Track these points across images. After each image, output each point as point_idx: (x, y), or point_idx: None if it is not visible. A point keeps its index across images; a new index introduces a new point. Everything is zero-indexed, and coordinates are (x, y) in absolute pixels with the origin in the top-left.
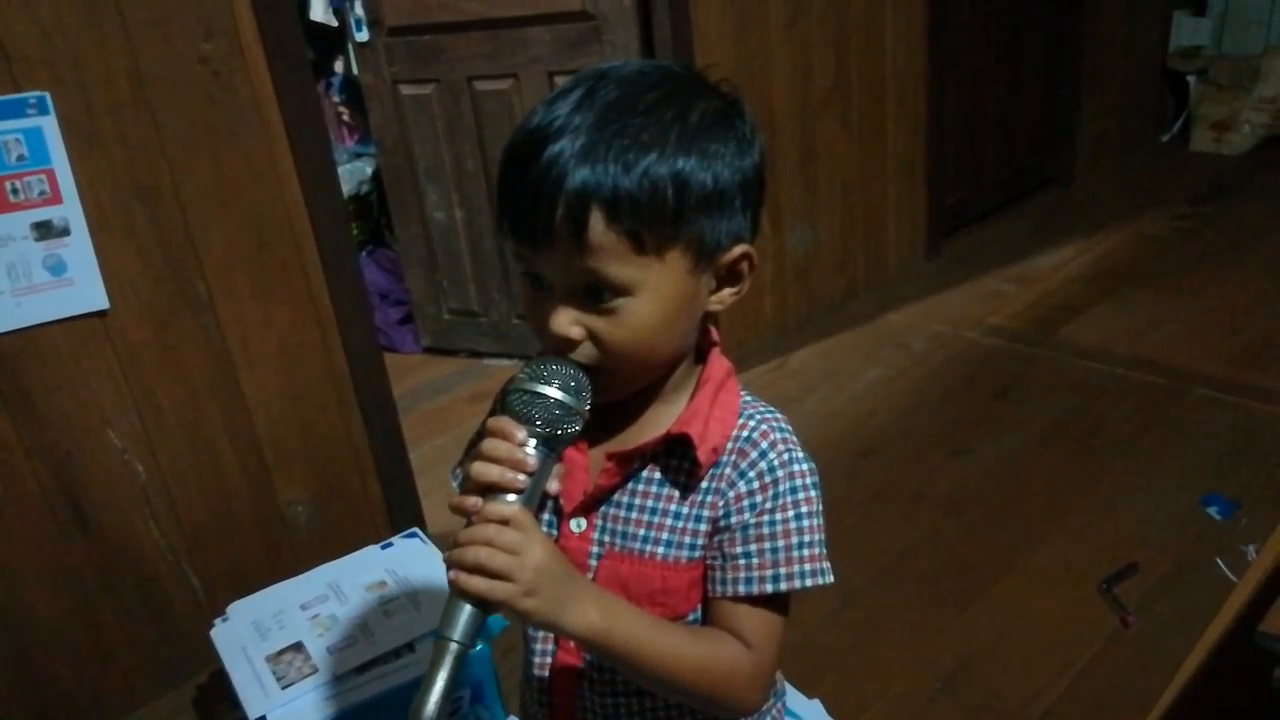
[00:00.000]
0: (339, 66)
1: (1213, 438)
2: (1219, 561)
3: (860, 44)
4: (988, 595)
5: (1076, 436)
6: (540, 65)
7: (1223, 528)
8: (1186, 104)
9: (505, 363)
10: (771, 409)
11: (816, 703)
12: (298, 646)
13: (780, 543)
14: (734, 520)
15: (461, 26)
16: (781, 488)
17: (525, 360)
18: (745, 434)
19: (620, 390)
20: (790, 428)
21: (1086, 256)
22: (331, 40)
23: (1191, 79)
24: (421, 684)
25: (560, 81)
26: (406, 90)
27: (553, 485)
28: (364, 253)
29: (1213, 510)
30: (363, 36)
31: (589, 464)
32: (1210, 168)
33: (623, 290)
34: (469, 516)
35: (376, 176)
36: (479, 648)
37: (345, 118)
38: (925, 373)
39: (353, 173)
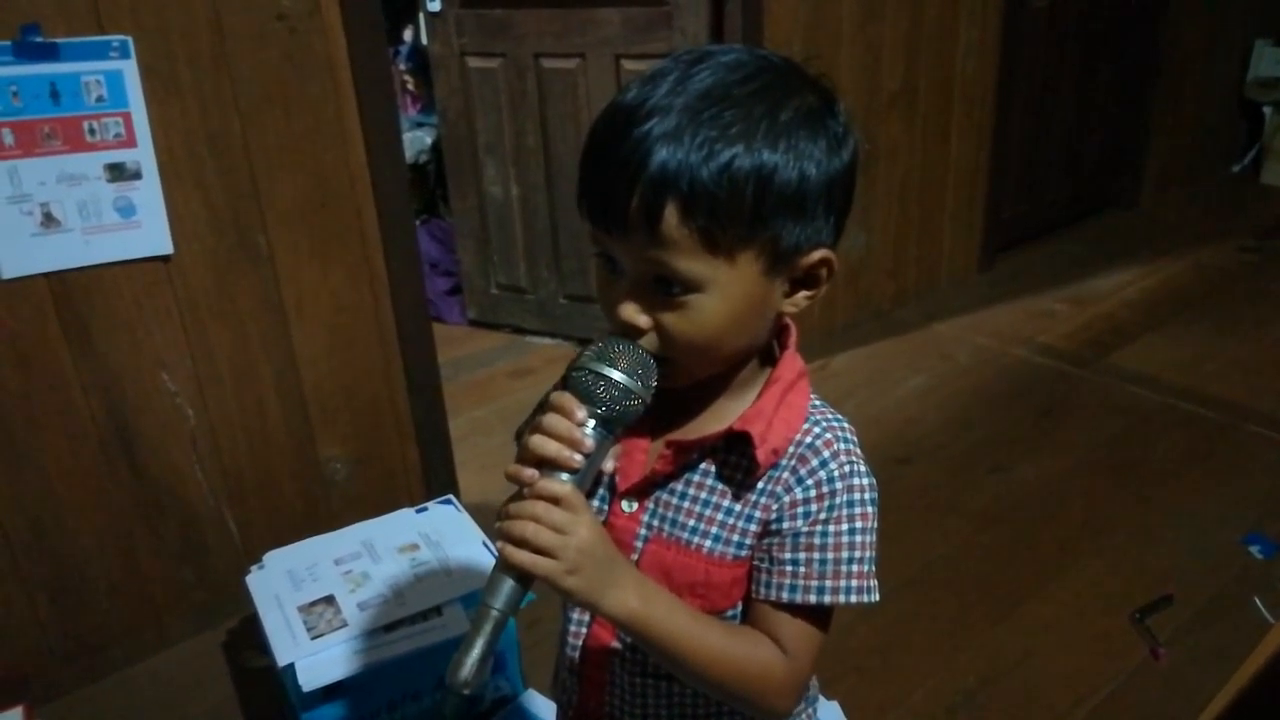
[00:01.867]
0: (408, 35)
1: (1260, 476)
2: (1256, 601)
3: (931, 50)
4: (1016, 613)
5: (1120, 463)
6: (608, 47)
7: (1263, 567)
8: (1261, 135)
9: (548, 341)
10: (840, 417)
11: (835, 704)
12: (329, 599)
13: (830, 555)
14: (786, 526)
15: (533, 3)
16: (839, 500)
17: (583, 340)
18: (809, 440)
19: (683, 378)
20: (856, 439)
21: (1145, 282)
22: (402, 8)
23: (1268, 110)
24: (461, 644)
25: (626, 65)
26: (474, 63)
27: (608, 464)
28: (417, 222)
29: (1254, 549)
30: (434, 6)
31: (650, 448)
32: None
33: (692, 286)
34: (522, 487)
35: (436, 147)
36: None
37: (410, 86)
38: (969, 386)
39: (413, 142)
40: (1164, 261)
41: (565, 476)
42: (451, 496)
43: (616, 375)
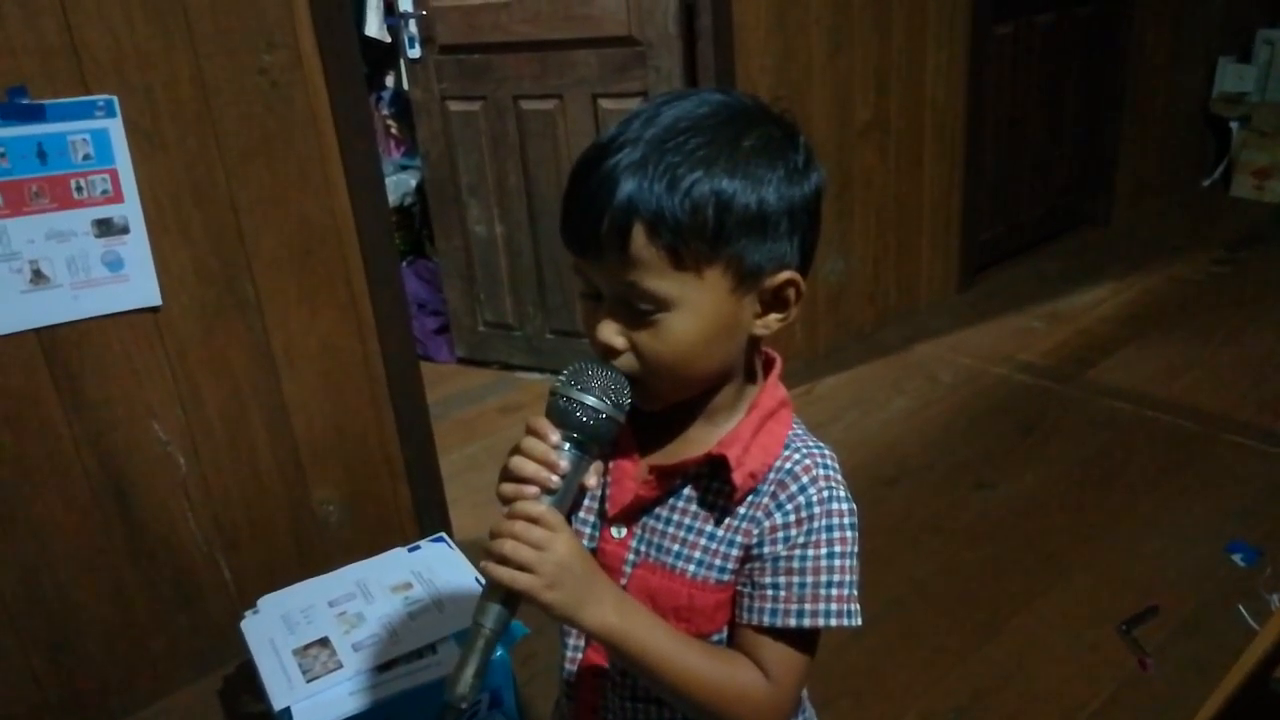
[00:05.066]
0: (389, 81)
1: (1240, 484)
2: (1241, 609)
3: (901, 78)
4: (1005, 629)
5: (1102, 476)
6: (585, 87)
7: (1246, 575)
8: (1228, 149)
9: (537, 376)
10: (820, 445)
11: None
12: (324, 642)
13: (809, 579)
14: (766, 550)
15: (511, 47)
16: (817, 524)
17: (559, 372)
18: (788, 466)
19: (661, 400)
20: (836, 465)
21: (1120, 297)
22: (383, 55)
23: (1234, 125)
24: (456, 662)
25: (604, 104)
26: (454, 106)
27: (590, 480)
28: (404, 263)
29: (1237, 557)
30: (415, 53)
31: (638, 474)
32: (1250, 214)
33: (662, 304)
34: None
35: (420, 189)
36: (499, 653)
37: (393, 131)
38: (952, 406)
39: (397, 184)
40: (1138, 276)
41: (544, 496)
42: (443, 534)
43: (588, 399)
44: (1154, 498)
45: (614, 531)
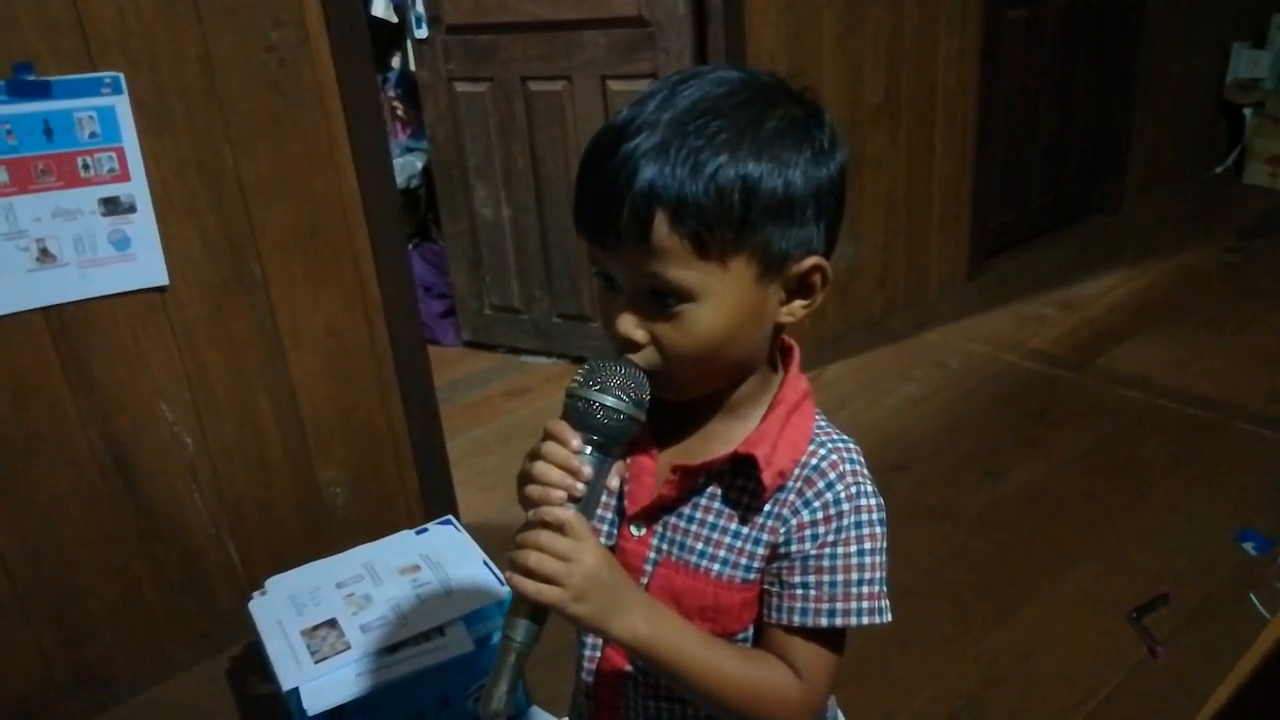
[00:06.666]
0: (396, 62)
1: (1252, 473)
2: (1252, 598)
3: (912, 62)
4: (1014, 617)
5: (1112, 464)
6: (594, 68)
7: (1258, 564)
8: (1242, 137)
9: (544, 360)
10: (845, 438)
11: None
12: (332, 623)
13: (840, 577)
14: (794, 549)
15: (518, 27)
16: (846, 521)
17: (577, 359)
18: (815, 461)
19: (682, 392)
20: (862, 459)
21: (1131, 285)
22: (390, 36)
23: (1248, 112)
24: (489, 678)
25: (612, 85)
26: (461, 88)
27: (613, 481)
28: (410, 246)
29: (1248, 546)
30: (422, 33)
31: (657, 470)
32: (1262, 202)
33: (686, 295)
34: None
35: (426, 171)
36: (498, 639)
37: (399, 112)
38: (961, 392)
39: (403, 166)
40: (1149, 264)
41: (568, 504)
42: (451, 517)
43: (607, 400)
44: (1164, 486)
45: (633, 530)
